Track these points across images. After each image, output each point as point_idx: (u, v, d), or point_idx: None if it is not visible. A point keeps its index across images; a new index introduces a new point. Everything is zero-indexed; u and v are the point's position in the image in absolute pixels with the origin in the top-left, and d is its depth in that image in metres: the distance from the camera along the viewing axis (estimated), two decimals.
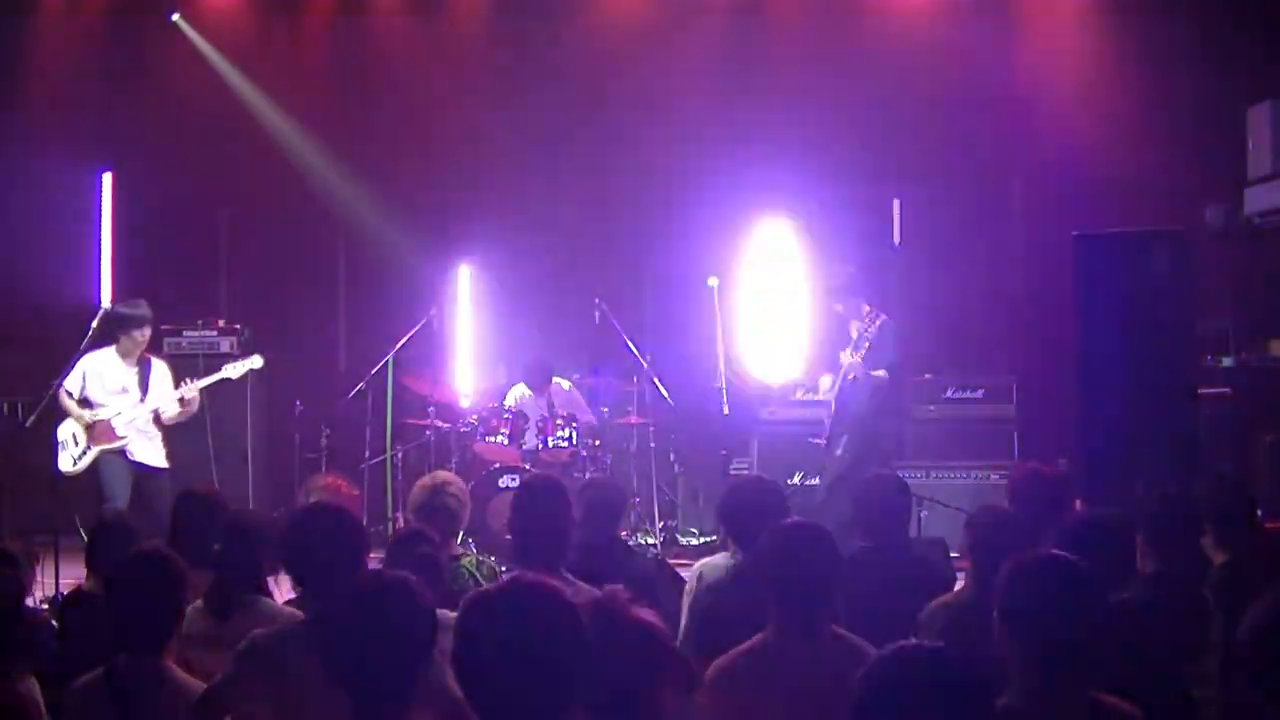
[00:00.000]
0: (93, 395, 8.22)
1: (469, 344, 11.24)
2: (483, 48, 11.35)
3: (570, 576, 4.30)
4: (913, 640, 2.63)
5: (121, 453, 8.20)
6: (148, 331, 8.31)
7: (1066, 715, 2.96)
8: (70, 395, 8.19)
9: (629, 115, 10.98)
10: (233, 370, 8.68)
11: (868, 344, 8.18)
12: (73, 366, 8.19)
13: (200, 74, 11.33)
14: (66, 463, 8.18)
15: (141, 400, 8.24)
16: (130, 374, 8.29)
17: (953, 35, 10.78)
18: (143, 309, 8.28)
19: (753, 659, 3.67)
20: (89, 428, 8.17)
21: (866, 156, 10.79)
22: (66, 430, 8.21)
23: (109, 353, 8.28)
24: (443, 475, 5.39)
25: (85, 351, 8.18)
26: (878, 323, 8.24)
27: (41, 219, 11.12)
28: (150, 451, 8.30)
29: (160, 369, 8.42)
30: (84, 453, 8.17)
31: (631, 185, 11.04)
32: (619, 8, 11.40)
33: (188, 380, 8.39)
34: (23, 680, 3.82)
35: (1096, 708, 2.97)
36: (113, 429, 8.18)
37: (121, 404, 8.22)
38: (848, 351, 8.17)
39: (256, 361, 8.80)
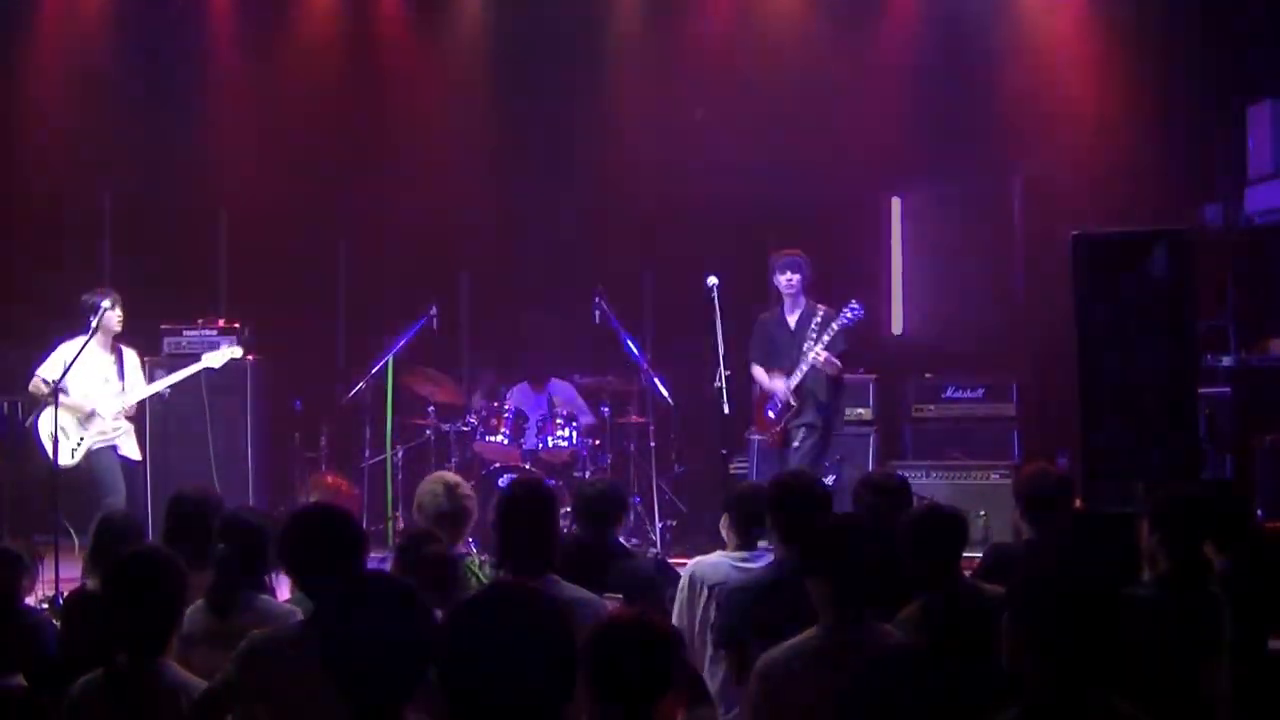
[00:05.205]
0: (72, 383, 8.01)
1: (469, 344, 11.22)
2: (483, 47, 11.35)
3: (557, 579, 4.25)
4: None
5: (113, 447, 8.20)
6: (119, 307, 8.21)
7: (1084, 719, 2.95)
8: (46, 383, 7.98)
9: (630, 114, 10.98)
10: (213, 359, 8.66)
11: (827, 335, 8.21)
12: (46, 356, 8.14)
13: (198, 74, 11.32)
14: (65, 455, 8.04)
15: (122, 390, 8.24)
16: (110, 362, 8.27)
17: (952, 34, 10.79)
18: (108, 290, 8.23)
19: (807, 653, 3.65)
20: (84, 419, 8.10)
21: (866, 156, 10.79)
22: (53, 422, 8.02)
23: (88, 341, 8.11)
24: (450, 476, 5.32)
25: (62, 341, 8.10)
26: (821, 313, 8.29)
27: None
28: (130, 445, 8.34)
29: (132, 358, 8.42)
30: (79, 443, 8.12)
31: (631, 184, 11.04)
32: (621, 9, 11.39)
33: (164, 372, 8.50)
34: (11, 678, 3.81)
35: (1113, 713, 2.97)
36: (102, 420, 8.15)
37: (105, 394, 8.20)
38: (818, 347, 8.18)
39: (236, 351, 8.81)
